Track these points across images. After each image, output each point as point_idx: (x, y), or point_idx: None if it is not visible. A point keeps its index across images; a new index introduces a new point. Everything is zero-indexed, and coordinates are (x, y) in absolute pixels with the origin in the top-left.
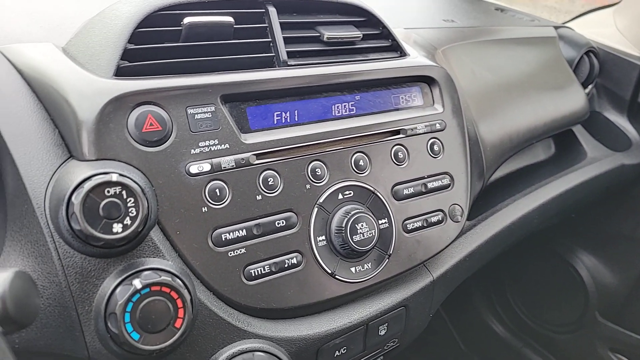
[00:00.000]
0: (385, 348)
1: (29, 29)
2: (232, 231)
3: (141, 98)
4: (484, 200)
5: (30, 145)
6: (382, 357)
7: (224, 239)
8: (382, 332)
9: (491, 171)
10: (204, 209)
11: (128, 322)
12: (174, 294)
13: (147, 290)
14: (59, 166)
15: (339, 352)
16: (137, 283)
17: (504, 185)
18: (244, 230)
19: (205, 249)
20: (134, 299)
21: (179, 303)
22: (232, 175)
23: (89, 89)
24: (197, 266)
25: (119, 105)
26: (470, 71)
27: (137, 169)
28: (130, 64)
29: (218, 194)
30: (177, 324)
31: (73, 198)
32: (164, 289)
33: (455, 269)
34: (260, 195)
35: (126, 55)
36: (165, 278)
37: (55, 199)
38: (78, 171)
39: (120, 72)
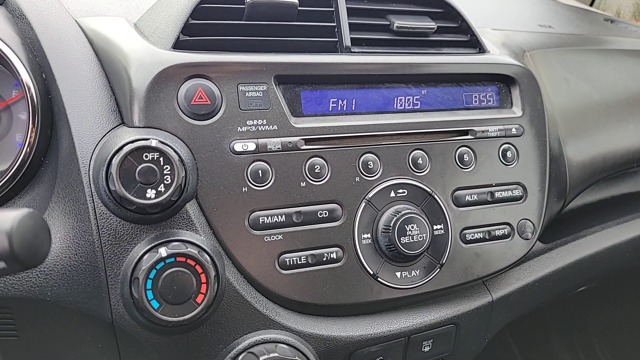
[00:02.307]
0: None
1: (110, 6)
2: (271, 215)
3: (193, 70)
4: (567, 225)
5: (85, 108)
6: None
7: (261, 222)
8: (426, 349)
9: (575, 192)
10: (244, 189)
11: (149, 289)
12: (198, 268)
13: (172, 260)
14: (109, 131)
15: None
16: (163, 251)
17: (593, 212)
18: (283, 217)
19: (241, 230)
20: (158, 266)
21: (203, 278)
22: (277, 158)
23: (147, 58)
24: (230, 246)
25: (171, 75)
26: (562, 79)
27: (181, 140)
28: (190, 38)
29: (260, 175)
30: (199, 299)
31: (113, 160)
32: (189, 261)
33: (521, 293)
34: (304, 182)
35: (187, 29)
36: (192, 250)
37: (99, 160)
38: (124, 136)
39: (179, 45)
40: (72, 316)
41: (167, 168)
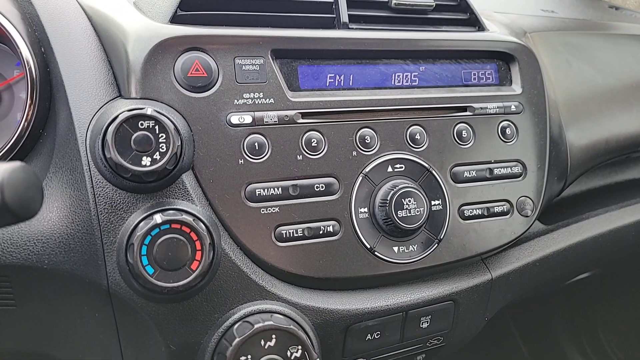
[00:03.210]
0: (427, 345)
1: None
2: (267, 188)
3: (189, 43)
4: (569, 209)
5: (83, 81)
6: (423, 356)
7: (257, 195)
8: (424, 325)
9: (577, 173)
10: (241, 161)
11: (144, 254)
12: (193, 235)
13: (167, 226)
14: (107, 102)
15: (371, 336)
16: (158, 218)
17: (597, 197)
18: (280, 189)
19: (237, 202)
20: (153, 232)
21: (198, 245)
22: (273, 131)
23: (144, 32)
24: (226, 217)
25: (167, 48)
26: (564, 61)
27: (178, 112)
28: (187, 12)
29: (257, 148)
30: (193, 266)
31: (109, 127)
32: (184, 228)
33: (521, 273)
34: (301, 156)
35: (184, 4)
36: (187, 218)
37: (95, 130)
38: (120, 106)
39: (176, 20)
40: (69, 284)
41: (162, 136)
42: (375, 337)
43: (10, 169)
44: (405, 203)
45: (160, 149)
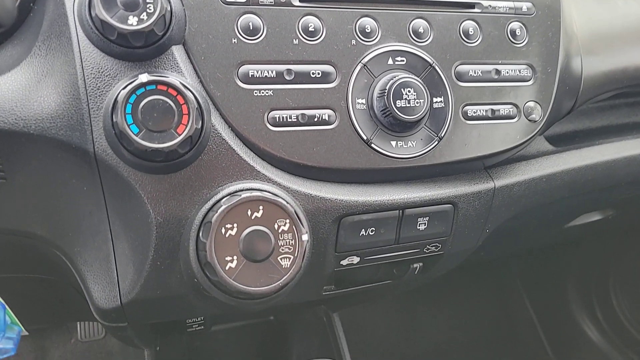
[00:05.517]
0: (425, 252)
1: None
2: (261, 70)
3: None
4: (582, 138)
5: None
6: (420, 264)
7: (251, 76)
8: (421, 227)
9: (589, 94)
10: (234, 41)
11: (129, 113)
12: (180, 99)
13: (153, 87)
14: None
15: (365, 231)
16: (144, 77)
17: (613, 131)
18: (274, 73)
19: (230, 82)
20: (138, 92)
21: (185, 109)
22: (269, 12)
23: None
24: (217, 97)
25: None
26: None
27: None
28: None
29: (251, 28)
30: (179, 130)
31: None
32: (171, 91)
33: (527, 187)
34: (297, 40)
35: None
36: (174, 80)
37: None
38: None
39: None
40: (56, 153)
41: None
42: (370, 233)
43: None
44: (404, 93)
45: (148, 10)
